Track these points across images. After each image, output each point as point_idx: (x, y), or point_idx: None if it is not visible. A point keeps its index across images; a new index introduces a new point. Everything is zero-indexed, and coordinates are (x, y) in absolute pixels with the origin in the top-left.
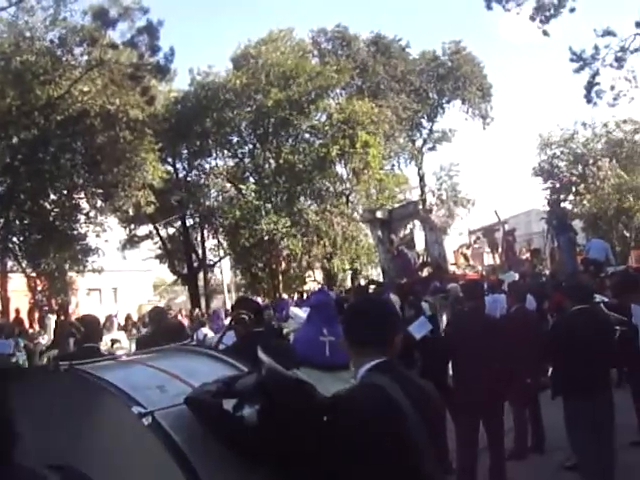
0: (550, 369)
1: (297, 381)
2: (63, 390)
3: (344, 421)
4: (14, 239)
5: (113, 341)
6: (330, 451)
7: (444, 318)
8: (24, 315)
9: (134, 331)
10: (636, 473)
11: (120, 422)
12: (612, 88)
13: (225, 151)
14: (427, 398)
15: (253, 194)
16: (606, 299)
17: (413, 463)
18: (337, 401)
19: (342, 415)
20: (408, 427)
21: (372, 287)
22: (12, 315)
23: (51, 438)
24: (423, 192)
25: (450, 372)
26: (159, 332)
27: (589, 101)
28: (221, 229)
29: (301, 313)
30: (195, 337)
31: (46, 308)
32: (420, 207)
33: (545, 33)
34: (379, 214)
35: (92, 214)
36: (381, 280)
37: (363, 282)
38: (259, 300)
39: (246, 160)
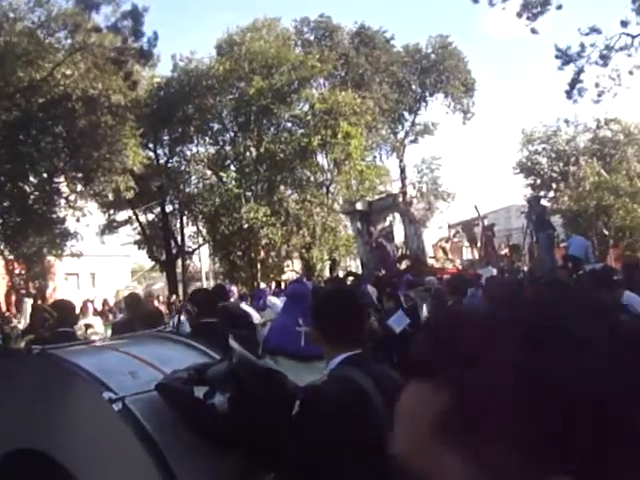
0: None
1: (268, 370)
2: (35, 374)
3: (314, 413)
4: None
5: (87, 326)
6: (299, 441)
7: (424, 311)
8: (1, 298)
9: (111, 316)
10: None
11: (91, 407)
12: (596, 85)
13: (206, 138)
14: (397, 388)
15: (233, 182)
16: None
17: (383, 456)
18: (308, 393)
19: (312, 407)
20: (379, 420)
21: (350, 279)
22: None
23: (23, 422)
24: (404, 184)
25: None
26: (135, 318)
27: (570, 97)
28: (200, 216)
29: (279, 302)
30: (172, 324)
31: (23, 292)
32: (400, 200)
33: (533, 31)
34: (359, 206)
35: (72, 198)
36: (360, 272)
37: (342, 273)
38: (234, 289)
39: (227, 148)
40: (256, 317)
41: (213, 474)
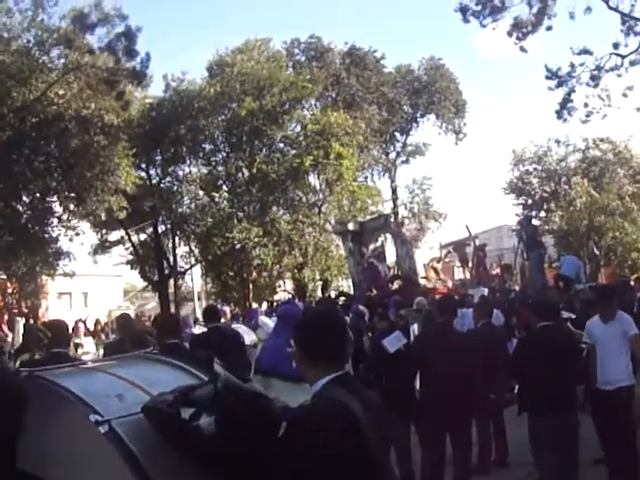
0: (516, 385)
1: (254, 393)
2: None
3: (301, 434)
4: None
5: (77, 345)
6: (285, 463)
7: (415, 331)
8: None
9: (103, 336)
10: None
11: (77, 430)
12: (585, 105)
13: (199, 159)
14: (380, 409)
15: (226, 202)
16: (573, 316)
17: (371, 469)
18: (294, 415)
19: (299, 428)
20: (366, 440)
21: (342, 299)
22: None
23: None
24: (395, 205)
25: (417, 386)
26: (127, 339)
27: (560, 117)
28: (193, 236)
29: (270, 323)
30: None
31: (15, 311)
32: (392, 220)
33: (522, 49)
34: (350, 226)
35: (64, 217)
36: (351, 292)
37: (333, 293)
38: (227, 309)
39: (219, 168)
40: (251, 338)
41: None
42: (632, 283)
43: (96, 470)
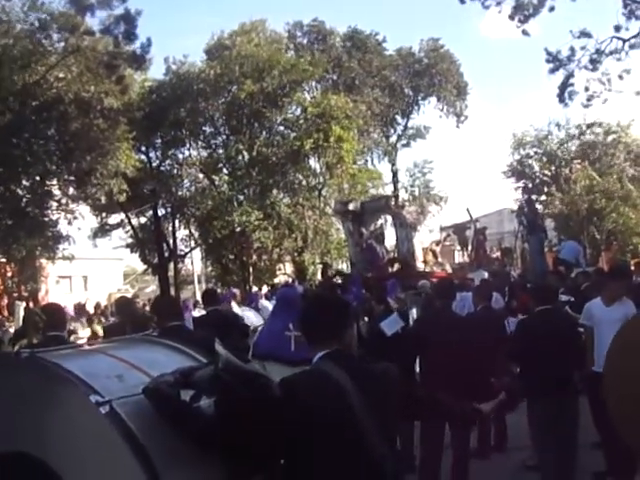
0: (515, 369)
1: (253, 373)
2: (24, 378)
3: (287, 404)
4: None
5: (70, 332)
6: (283, 437)
7: (414, 314)
8: None
9: (103, 319)
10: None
11: (78, 410)
12: (586, 89)
13: (199, 141)
14: (375, 381)
15: (226, 185)
16: (572, 299)
17: (359, 440)
18: (280, 386)
19: (284, 398)
20: (350, 406)
21: (339, 278)
22: None
23: (11, 425)
24: (396, 188)
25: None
26: (126, 322)
27: (561, 101)
28: (193, 220)
29: (270, 306)
30: None
31: (15, 295)
32: (392, 202)
33: (525, 32)
34: (351, 206)
35: (64, 201)
36: (349, 272)
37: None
38: (236, 291)
39: (219, 151)
40: (255, 320)
41: (199, 476)
42: (632, 267)
43: (97, 450)
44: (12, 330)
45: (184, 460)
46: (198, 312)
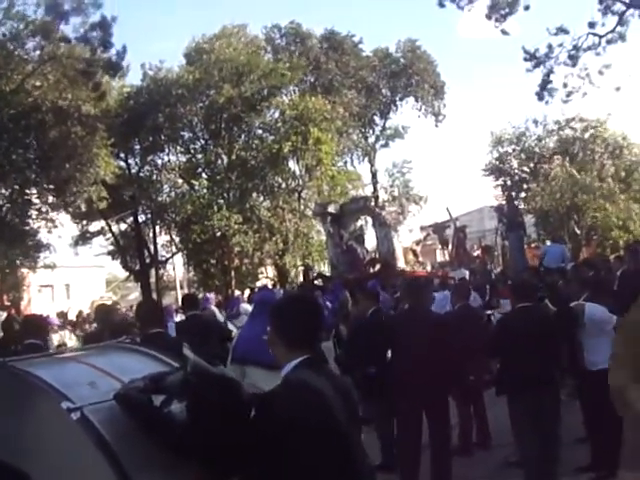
0: (495, 367)
1: (222, 377)
2: None
3: (271, 417)
4: None
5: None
6: (258, 446)
7: None
8: None
9: (87, 327)
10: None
11: (50, 417)
12: (565, 86)
13: (177, 147)
14: (350, 391)
15: (205, 190)
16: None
17: (345, 454)
18: (263, 398)
19: (268, 411)
20: (336, 419)
21: (321, 281)
22: None
23: None
24: (375, 189)
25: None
26: (105, 329)
27: (541, 98)
28: (173, 225)
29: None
30: None
31: None
32: (372, 203)
33: (504, 32)
34: (330, 208)
35: (44, 210)
36: (329, 275)
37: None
38: (211, 296)
39: (198, 156)
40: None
41: None
42: (612, 262)
43: (69, 457)
44: None
45: (156, 465)
46: (179, 318)
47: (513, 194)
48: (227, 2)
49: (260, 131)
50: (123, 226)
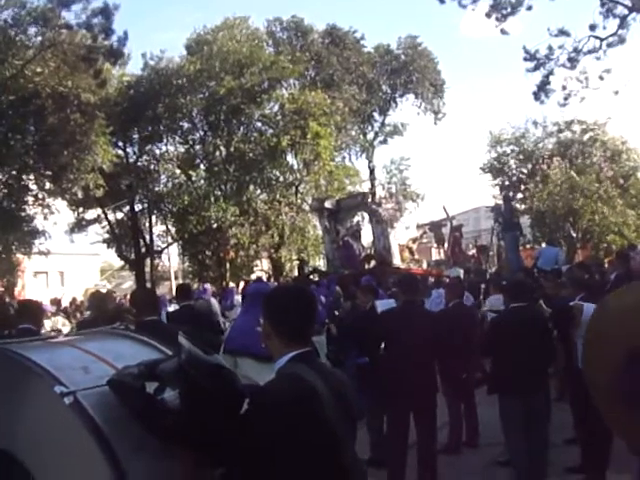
0: (487, 366)
1: (216, 366)
2: None
3: (263, 412)
4: None
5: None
6: (248, 439)
7: None
8: None
9: (79, 315)
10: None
11: (42, 401)
12: (563, 88)
13: (176, 137)
14: (344, 387)
15: (202, 181)
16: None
17: (336, 451)
18: (256, 392)
19: (261, 406)
20: (326, 413)
21: (316, 275)
22: None
23: None
24: (373, 185)
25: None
26: (100, 317)
27: (537, 99)
28: (170, 215)
29: None
30: None
31: None
32: (369, 199)
33: (503, 31)
34: (327, 204)
35: (40, 196)
36: (325, 270)
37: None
38: (208, 287)
39: (197, 147)
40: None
41: (162, 468)
42: (606, 265)
43: (61, 441)
44: None
45: (148, 451)
46: (173, 308)
47: (510, 194)
48: None
49: (259, 124)
50: (119, 215)
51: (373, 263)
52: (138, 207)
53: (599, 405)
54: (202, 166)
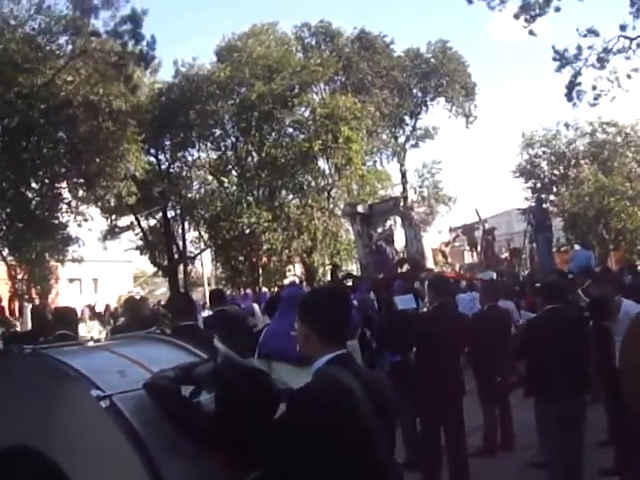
0: (523, 369)
1: (252, 370)
2: (26, 373)
3: (303, 412)
4: None
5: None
6: (286, 441)
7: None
8: (4, 304)
9: (112, 322)
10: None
11: (79, 405)
12: (594, 88)
13: (208, 144)
14: (382, 390)
15: (235, 187)
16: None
17: (371, 453)
18: (296, 393)
19: (301, 406)
20: (362, 415)
21: (349, 280)
22: None
23: (13, 419)
24: (405, 189)
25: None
26: (134, 322)
27: (569, 100)
28: (202, 221)
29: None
30: None
31: (26, 296)
32: (401, 203)
33: (531, 33)
34: (360, 208)
35: (74, 204)
36: (359, 275)
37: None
38: (249, 292)
39: (229, 153)
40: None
41: (197, 471)
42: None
43: (97, 444)
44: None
45: (184, 454)
46: (206, 313)
47: (543, 196)
48: (256, 2)
49: (290, 129)
50: (152, 221)
51: (406, 267)
52: (171, 214)
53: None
54: (234, 172)
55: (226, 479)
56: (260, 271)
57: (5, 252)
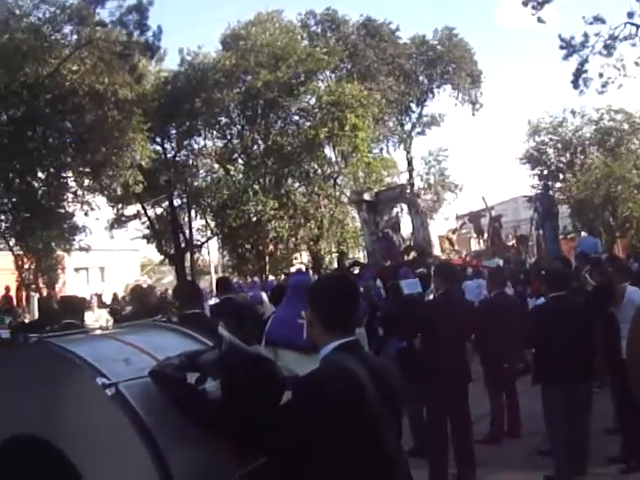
0: (530, 355)
1: (257, 357)
2: (31, 361)
3: (309, 399)
4: (1, 217)
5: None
6: (291, 428)
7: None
8: (12, 293)
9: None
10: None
11: (85, 393)
12: (600, 75)
13: (214, 132)
14: (389, 377)
15: (241, 175)
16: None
17: (376, 441)
18: (301, 380)
19: (306, 393)
20: (371, 405)
21: (355, 268)
22: (1, 292)
23: (19, 408)
24: (411, 176)
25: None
26: (141, 310)
27: (576, 87)
28: (209, 210)
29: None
30: None
31: (33, 286)
32: (407, 191)
33: (540, 20)
34: (366, 196)
35: (80, 193)
36: (365, 262)
37: (347, 263)
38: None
39: (235, 141)
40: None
41: (203, 458)
42: None
43: (103, 432)
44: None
45: (190, 442)
46: (213, 301)
47: (549, 184)
48: None
49: (296, 117)
50: (159, 210)
51: (413, 254)
52: (177, 202)
53: None
54: (240, 160)
55: (232, 466)
56: (267, 259)
57: (12, 242)
